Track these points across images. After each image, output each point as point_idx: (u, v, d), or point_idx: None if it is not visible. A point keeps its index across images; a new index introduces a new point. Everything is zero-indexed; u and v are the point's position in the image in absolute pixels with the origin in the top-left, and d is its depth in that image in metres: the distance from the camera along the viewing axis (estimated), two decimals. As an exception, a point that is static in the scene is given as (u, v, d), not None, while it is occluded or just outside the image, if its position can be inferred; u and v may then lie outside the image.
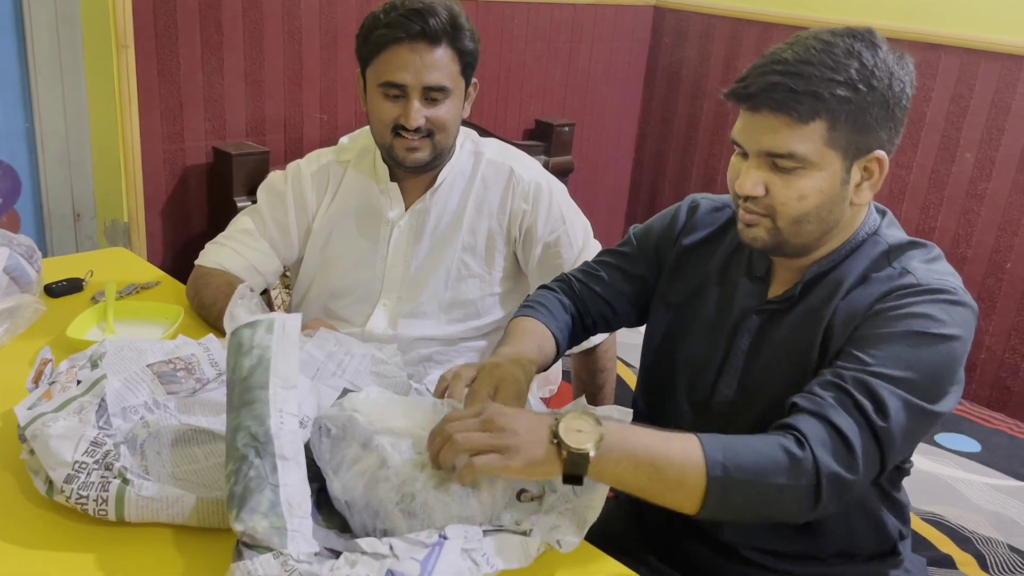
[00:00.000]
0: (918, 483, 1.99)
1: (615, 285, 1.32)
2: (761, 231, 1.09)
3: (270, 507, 0.87)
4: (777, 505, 0.97)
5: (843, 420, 0.97)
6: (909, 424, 1.00)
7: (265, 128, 2.46)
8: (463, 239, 1.62)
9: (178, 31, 2.23)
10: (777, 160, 1.04)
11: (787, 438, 0.97)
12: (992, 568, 1.76)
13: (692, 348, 1.23)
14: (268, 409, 0.93)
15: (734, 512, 0.98)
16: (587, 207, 1.79)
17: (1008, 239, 2.73)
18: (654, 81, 3.54)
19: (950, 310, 1.04)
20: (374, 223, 1.63)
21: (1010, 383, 2.79)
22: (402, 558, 0.88)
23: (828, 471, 0.95)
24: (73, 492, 0.97)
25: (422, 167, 1.55)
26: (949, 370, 1.03)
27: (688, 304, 1.25)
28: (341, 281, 1.65)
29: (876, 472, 1.00)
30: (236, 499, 0.88)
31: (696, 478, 0.94)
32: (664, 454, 0.95)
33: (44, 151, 2.14)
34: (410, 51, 1.45)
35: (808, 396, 1.00)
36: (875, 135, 1.06)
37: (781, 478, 0.94)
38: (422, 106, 1.48)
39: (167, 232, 2.37)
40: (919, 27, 2.80)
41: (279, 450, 0.91)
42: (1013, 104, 2.65)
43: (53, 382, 1.11)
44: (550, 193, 1.64)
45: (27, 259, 1.54)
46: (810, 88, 1.01)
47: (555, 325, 1.28)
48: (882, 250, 1.12)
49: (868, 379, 0.99)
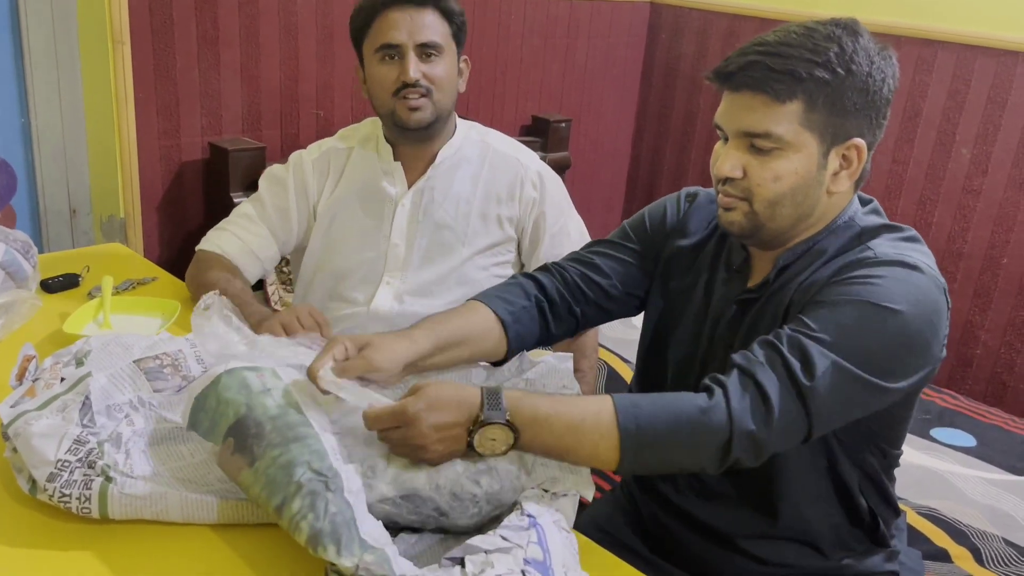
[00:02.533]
0: (914, 477, 2.00)
1: (610, 273, 1.30)
2: (738, 215, 1.10)
3: (361, 543, 0.87)
4: (688, 458, 1.01)
5: (767, 378, 0.99)
6: (839, 388, 0.99)
7: (261, 124, 2.46)
8: (472, 223, 1.66)
9: (174, 27, 2.23)
10: (755, 141, 1.06)
11: (705, 394, 1.00)
12: (987, 562, 1.76)
13: (680, 342, 1.24)
14: (324, 446, 0.93)
15: (650, 468, 1.06)
16: (584, 203, 1.80)
17: (1004, 234, 2.74)
18: (651, 77, 3.54)
19: (904, 280, 1.03)
20: (378, 203, 1.66)
21: (1006, 378, 2.80)
22: (525, 545, 0.89)
23: (741, 427, 0.97)
24: (56, 490, 0.97)
25: (425, 129, 1.59)
26: (902, 345, 1.02)
27: (679, 298, 1.25)
28: (346, 262, 1.68)
29: (801, 434, 1.01)
30: (328, 535, 0.86)
31: (610, 443, 0.98)
32: (577, 432, 0.98)
33: (40, 147, 2.14)
34: (400, 12, 1.55)
35: (743, 353, 1.03)
36: (853, 122, 1.06)
37: (688, 430, 0.98)
38: (419, 62, 1.55)
39: (164, 228, 2.37)
40: (916, 23, 2.80)
41: (346, 484, 0.91)
42: (1009, 100, 2.66)
43: (36, 379, 1.11)
44: (552, 183, 1.71)
45: (23, 255, 1.54)
46: (788, 67, 1.02)
47: (503, 308, 1.23)
48: (854, 233, 1.12)
49: (802, 339, 1.00)
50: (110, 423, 1.05)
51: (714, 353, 1.19)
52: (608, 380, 2.37)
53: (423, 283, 1.65)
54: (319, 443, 0.93)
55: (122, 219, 2.28)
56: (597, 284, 1.29)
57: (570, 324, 1.30)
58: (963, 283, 2.83)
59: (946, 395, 2.49)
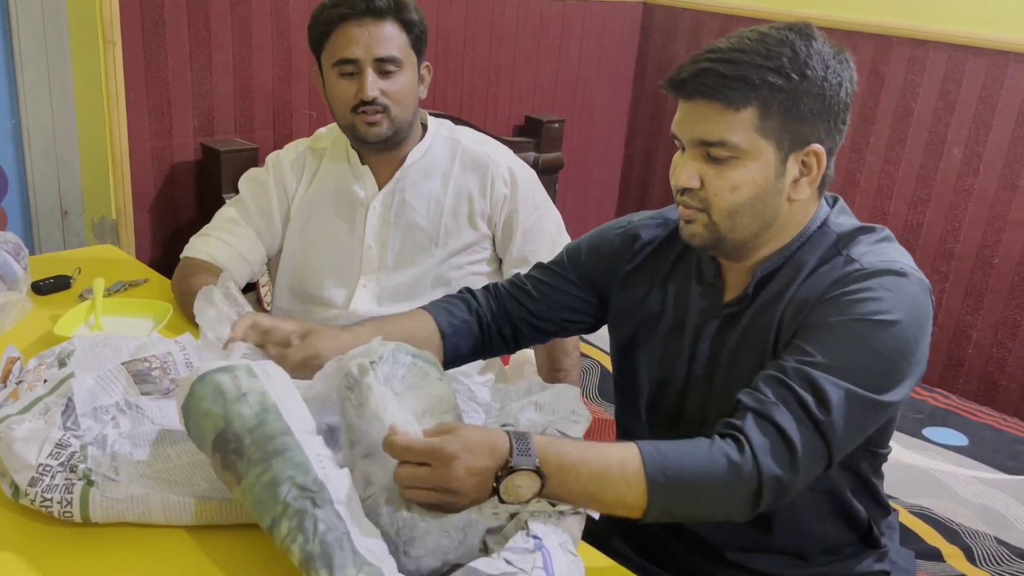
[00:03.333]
0: (906, 476, 2.00)
1: (540, 299, 1.30)
2: (699, 227, 1.09)
3: (354, 559, 0.84)
4: (719, 509, 0.99)
5: (784, 419, 0.97)
6: (854, 415, 0.99)
7: (254, 125, 2.45)
8: (445, 223, 1.66)
9: (165, 27, 2.22)
10: (711, 150, 1.04)
11: (728, 443, 0.97)
12: (979, 561, 1.77)
13: (653, 359, 1.22)
14: (306, 455, 0.89)
15: (675, 517, 1.00)
16: (577, 203, 1.80)
17: (995, 234, 2.74)
18: (643, 77, 3.55)
19: (895, 289, 1.02)
20: (350, 206, 1.67)
21: (997, 377, 2.81)
22: (530, 571, 0.86)
23: (769, 474, 0.95)
24: (38, 495, 0.97)
25: (383, 142, 1.60)
26: (901, 356, 1.01)
27: (642, 324, 1.23)
28: (321, 264, 1.68)
29: (822, 467, 1.00)
30: (319, 559, 0.83)
31: (637, 492, 0.95)
32: (603, 480, 0.94)
33: (31, 148, 2.13)
34: (357, 27, 1.53)
35: (752, 393, 1.00)
36: (811, 127, 1.05)
37: (722, 485, 0.95)
38: (377, 78, 1.54)
39: (155, 229, 2.36)
40: (906, 23, 2.81)
41: (335, 495, 0.87)
42: (1000, 100, 2.67)
43: (20, 381, 1.11)
44: (525, 179, 1.70)
45: (14, 256, 1.53)
46: (740, 73, 1.01)
47: (445, 319, 1.27)
48: (831, 240, 1.10)
49: (810, 371, 0.98)
50: (96, 425, 1.04)
51: (695, 370, 1.17)
52: (601, 379, 2.38)
53: (399, 285, 1.65)
54: (301, 453, 0.90)
55: (114, 221, 2.27)
56: (526, 308, 1.31)
57: (503, 343, 1.33)
58: (955, 283, 2.84)
59: (938, 394, 2.50)
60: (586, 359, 2.44)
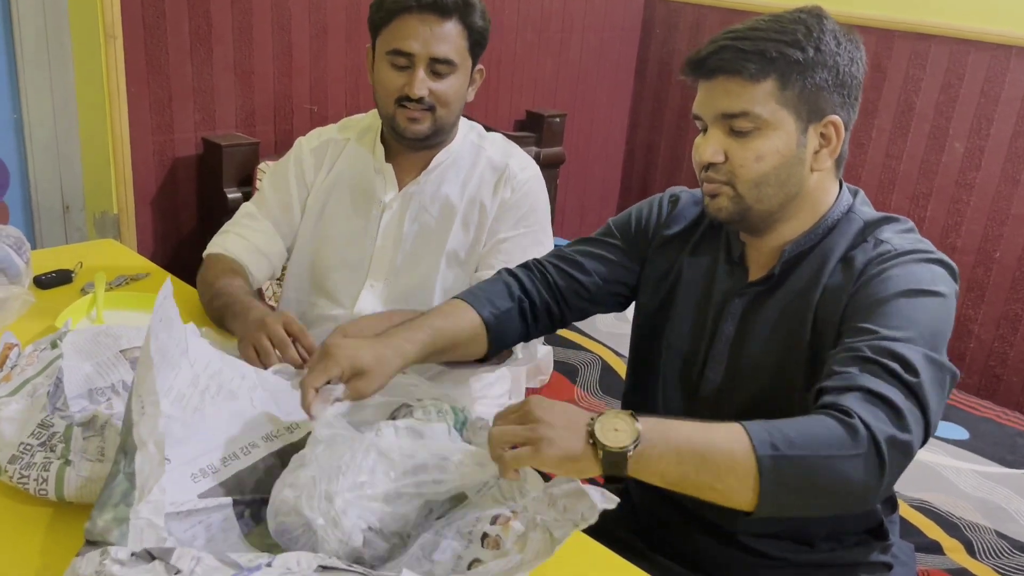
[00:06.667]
0: (906, 470, 2.00)
1: (592, 271, 1.31)
2: (724, 200, 1.12)
3: (122, 496, 0.84)
4: (842, 479, 0.90)
5: (879, 384, 0.94)
6: (937, 378, 0.98)
7: (255, 119, 2.45)
8: (456, 230, 1.63)
9: (166, 22, 2.22)
10: (733, 123, 1.08)
11: (830, 414, 0.92)
12: (980, 554, 1.77)
13: (676, 336, 1.24)
14: (131, 403, 0.90)
15: (795, 496, 0.91)
16: (578, 198, 1.79)
17: (997, 228, 2.74)
18: (645, 71, 3.54)
19: (930, 267, 1.07)
20: (366, 202, 1.65)
21: (999, 371, 2.81)
22: None
23: (885, 435, 0.90)
24: (16, 472, 0.99)
25: (421, 140, 1.57)
26: (946, 325, 1.04)
27: (669, 293, 1.26)
28: (332, 257, 1.67)
29: (923, 431, 0.95)
30: (96, 504, 0.84)
31: (746, 461, 0.88)
32: (707, 442, 0.90)
33: (32, 142, 2.13)
34: (420, 21, 1.48)
35: (833, 377, 0.97)
36: (827, 99, 1.09)
37: (839, 448, 0.89)
38: (427, 77, 1.50)
39: (157, 224, 2.37)
40: (909, 17, 2.80)
41: (137, 436, 0.87)
42: (1003, 94, 2.66)
43: (15, 366, 1.12)
44: (532, 195, 1.64)
45: (16, 251, 1.53)
46: (758, 48, 1.06)
47: (489, 311, 1.26)
48: (858, 227, 1.13)
49: (884, 343, 0.98)
50: (91, 406, 1.06)
51: (717, 347, 1.19)
52: (603, 374, 2.38)
53: (407, 288, 1.63)
54: (129, 401, 0.91)
55: (115, 215, 2.27)
56: (579, 282, 1.31)
57: (549, 323, 1.33)
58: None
59: (939, 388, 2.50)
60: (587, 353, 2.44)
